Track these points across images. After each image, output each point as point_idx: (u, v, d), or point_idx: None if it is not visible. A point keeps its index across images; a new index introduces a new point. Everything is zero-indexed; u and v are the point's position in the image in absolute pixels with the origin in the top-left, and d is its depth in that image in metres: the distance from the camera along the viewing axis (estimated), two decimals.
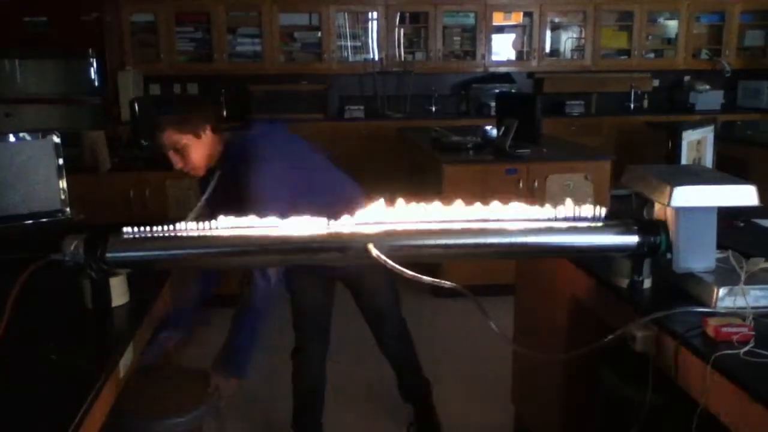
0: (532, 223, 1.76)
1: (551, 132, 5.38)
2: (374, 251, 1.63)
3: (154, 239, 1.69)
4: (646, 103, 7.14)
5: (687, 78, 7.16)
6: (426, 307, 4.18)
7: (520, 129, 4.38)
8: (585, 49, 6.89)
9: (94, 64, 5.91)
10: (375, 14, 6.59)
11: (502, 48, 6.88)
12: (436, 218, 1.72)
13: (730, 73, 7.00)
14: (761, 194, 1.76)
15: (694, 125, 2.53)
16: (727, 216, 2.32)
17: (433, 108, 6.84)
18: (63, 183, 2.51)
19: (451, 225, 1.72)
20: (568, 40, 6.99)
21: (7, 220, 2.40)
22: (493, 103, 6.01)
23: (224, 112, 6.55)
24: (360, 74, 6.70)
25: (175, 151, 2.20)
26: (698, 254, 1.75)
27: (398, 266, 1.62)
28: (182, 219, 1.73)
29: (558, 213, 1.75)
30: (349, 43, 6.64)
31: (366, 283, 2.59)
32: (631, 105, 7.08)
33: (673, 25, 7.06)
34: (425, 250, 1.74)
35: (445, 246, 1.74)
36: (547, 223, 1.76)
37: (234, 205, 1.96)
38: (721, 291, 1.67)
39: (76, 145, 3.92)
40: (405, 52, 6.69)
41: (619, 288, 1.85)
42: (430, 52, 6.67)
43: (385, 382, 2.98)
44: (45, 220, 2.47)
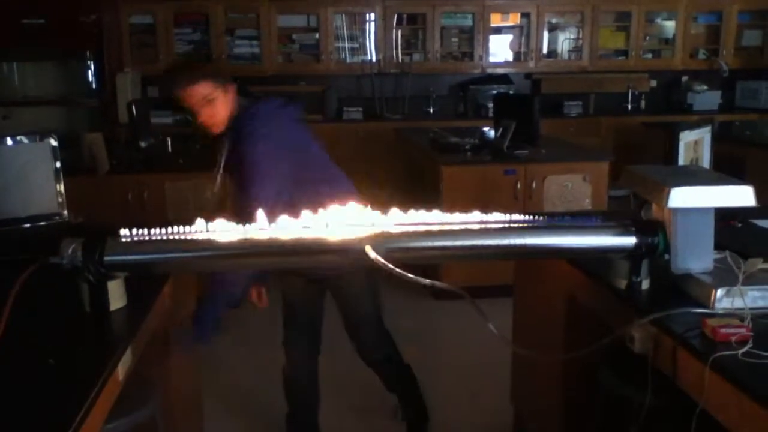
0: (530, 224, 1.76)
1: (549, 133, 5.39)
2: (372, 254, 1.63)
3: (151, 242, 1.69)
4: (643, 103, 7.15)
5: (684, 78, 7.17)
6: (425, 309, 4.19)
7: (518, 130, 4.38)
8: (582, 49, 6.89)
9: (92, 65, 5.90)
10: (373, 15, 6.59)
11: (500, 49, 6.89)
12: (434, 220, 1.72)
13: (728, 73, 7.00)
14: (758, 194, 1.76)
15: (692, 126, 2.53)
16: (725, 216, 2.32)
17: (431, 109, 6.85)
18: (61, 185, 2.51)
19: (449, 226, 1.72)
20: (565, 40, 6.99)
21: (5, 223, 2.39)
22: (491, 104, 6.02)
23: None
24: (358, 75, 6.70)
25: (205, 103, 2.22)
26: (696, 255, 1.75)
27: (396, 268, 1.62)
28: (181, 221, 1.72)
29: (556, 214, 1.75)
30: (347, 45, 6.65)
31: (344, 286, 2.55)
32: (629, 105, 7.09)
33: (670, 25, 7.07)
34: (423, 251, 1.74)
35: (443, 248, 1.74)
36: (545, 224, 1.76)
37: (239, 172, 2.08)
38: (719, 292, 1.67)
39: (74, 147, 3.91)
40: (403, 54, 6.69)
41: (618, 289, 1.85)
42: (428, 53, 6.67)
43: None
44: (43, 222, 2.47)
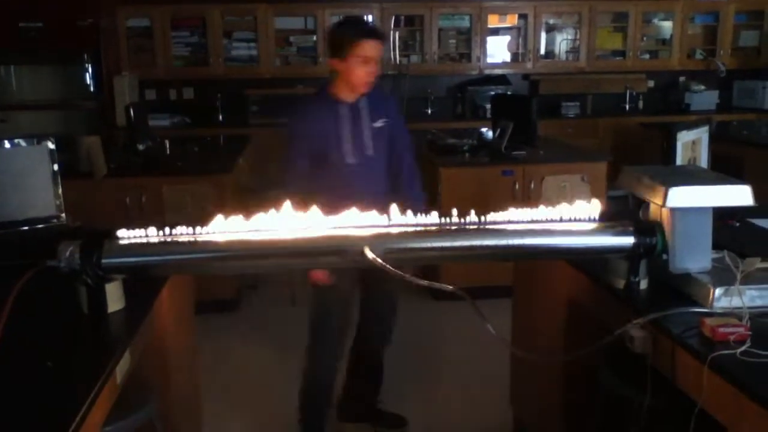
0: (529, 225, 1.76)
1: (547, 133, 5.39)
2: (370, 254, 1.63)
3: (149, 245, 1.69)
4: (641, 103, 7.16)
5: (682, 78, 7.18)
6: (425, 310, 4.18)
7: (516, 131, 4.38)
8: (580, 50, 6.90)
9: (90, 69, 5.90)
10: (370, 17, 6.58)
11: (498, 50, 6.89)
12: (432, 221, 1.72)
13: (725, 74, 7.01)
14: (756, 194, 1.76)
15: (689, 126, 2.53)
16: (723, 216, 2.32)
17: (429, 110, 6.85)
18: (59, 188, 2.50)
19: (448, 227, 1.72)
20: (563, 41, 7.00)
21: (3, 226, 2.39)
22: (489, 105, 6.01)
23: (220, 116, 6.56)
24: None
25: (378, 61, 2.51)
26: (694, 255, 1.75)
27: (395, 269, 1.62)
28: (179, 223, 1.72)
29: (555, 215, 1.75)
30: None
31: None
32: (627, 106, 7.10)
33: (667, 25, 7.08)
34: (422, 252, 1.74)
35: (442, 248, 1.74)
36: (543, 225, 1.76)
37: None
38: (718, 291, 1.67)
39: (72, 150, 3.90)
40: (400, 55, 6.69)
41: (616, 289, 1.86)
42: (426, 55, 6.67)
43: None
44: (41, 226, 2.46)
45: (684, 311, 1.67)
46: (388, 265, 1.62)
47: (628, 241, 1.76)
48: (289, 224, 1.70)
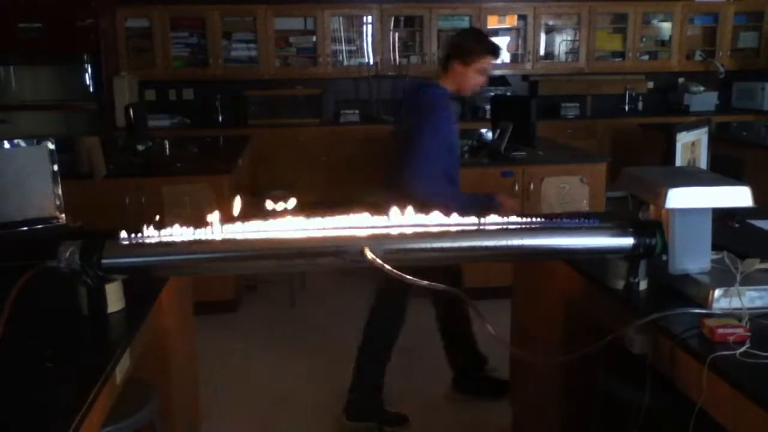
0: (528, 226, 1.76)
1: (546, 134, 5.39)
2: (370, 255, 1.63)
3: (149, 245, 1.69)
4: (640, 104, 7.17)
5: (681, 79, 7.19)
6: (424, 310, 4.18)
7: (516, 132, 4.39)
8: (579, 51, 6.91)
9: (89, 69, 5.90)
10: (370, 18, 6.60)
11: None
12: (432, 222, 1.72)
13: (724, 75, 7.02)
14: (756, 195, 1.76)
15: (689, 126, 2.53)
16: (723, 217, 2.33)
17: None
18: (58, 189, 2.50)
19: (447, 228, 1.72)
20: (562, 42, 7.01)
21: (3, 227, 2.39)
22: (489, 106, 6.02)
23: (219, 117, 6.56)
24: (355, 78, 6.71)
25: (488, 73, 2.87)
26: (693, 255, 1.75)
27: (395, 270, 1.62)
28: (179, 224, 1.72)
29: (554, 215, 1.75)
30: (344, 48, 6.65)
31: None
32: (626, 107, 7.11)
33: (667, 27, 7.08)
34: (422, 253, 1.74)
35: (442, 249, 1.74)
36: (542, 226, 1.76)
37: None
38: (717, 292, 1.67)
39: (72, 151, 3.90)
40: (400, 56, 6.70)
41: (616, 290, 1.86)
42: (425, 56, 6.68)
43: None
44: (41, 226, 2.46)
45: (683, 312, 1.67)
46: (388, 266, 1.62)
47: (628, 241, 1.76)
48: (289, 225, 1.70)
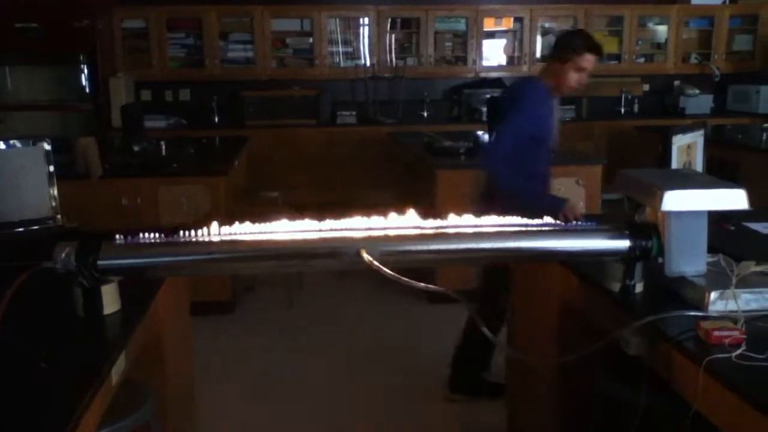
0: (525, 228, 1.76)
1: None
2: (366, 257, 1.63)
3: (145, 246, 1.69)
4: (636, 107, 7.18)
5: (677, 82, 7.21)
6: (420, 313, 4.19)
7: None
8: None
9: (86, 70, 5.89)
10: (366, 20, 6.60)
11: (493, 53, 6.91)
12: (429, 224, 1.72)
13: (720, 77, 7.04)
14: (751, 198, 1.77)
15: (685, 129, 2.53)
16: (718, 219, 2.33)
17: (425, 113, 6.85)
18: (54, 190, 2.49)
19: (444, 230, 1.72)
20: None
21: None
22: (485, 108, 6.02)
23: (216, 118, 6.55)
24: (352, 80, 6.71)
25: (588, 73, 2.87)
26: (689, 258, 1.76)
27: (391, 272, 1.62)
28: (175, 225, 1.72)
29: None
30: (341, 49, 6.66)
31: None
32: (622, 109, 7.12)
33: (662, 29, 7.10)
34: (418, 255, 1.74)
35: (438, 251, 1.74)
36: (539, 228, 1.77)
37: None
38: (713, 294, 1.68)
39: (68, 151, 3.90)
40: (396, 58, 6.71)
41: (612, 292, 1.86)
42: (422, 58, 6.68)
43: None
44: (36, 227, 2.45)
45: (679, 314, 1.67)
46: (384, 268, 1.62)
47: (624, 244, 1.76)
48: (285, 226, 1.70)
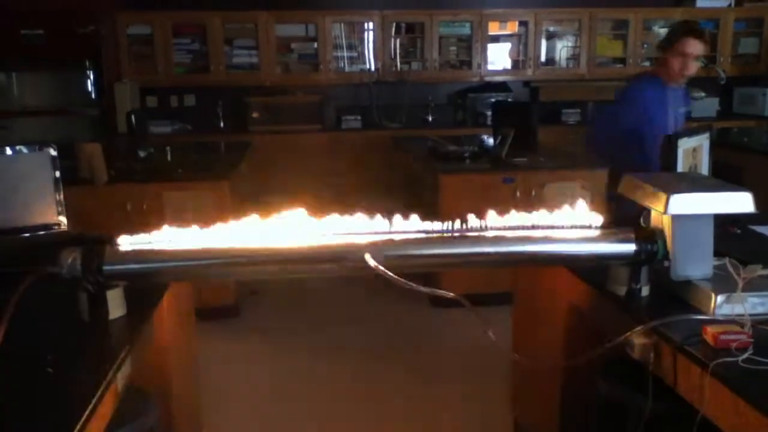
0: (530, 232, 1.76)
1: (547, 140, 5.39)
2: (371, 261, 1.63)
3: (150, 251, 1.69)
4: None
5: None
6: (425, 316, 4.18)
7: (517, 138, 4.39)
8: (580, 57, 6.91)
9: (91, 76, 5.91)
10: (371, 24, 6.61)
11: (498, 57, 6.91)
12: (433, 227, 1.72)
13: (725, 80, 7.01)
14: (758, 201, 1.76)
15: (690, 132, 2.53)
16: (724, 223, 2.32)
17: (430, 117, 6.85)
18: (60, 195, 2.50)
19: (449, 234, 1.72)
20: (563, 48, 7.01)
21: (3, 233, 2.38)
22: (490, 112, 6.03)
23: (221, 123, 6.57)
24: (356, 84, 6.71)
25: (696, 59, 3.16)
26: (695, 261, 1.75)
27: (396, 276, 1.62)
28: (180, 230, 1.72)
29: (555, 221, 1.75)
30: (346, 54, 6.66)
31: None
32: None
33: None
34: (422, 259, 1.74)
35: (443, 255, 1.74)
36: (544, 232, 1.77)
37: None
38: (719, 298, 1.67)
39: (73, 157, 3.91)
40: (401, 62, 6.71)
41: (617, 296, 1.85)
42: (426, 62, 6.69)
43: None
44: (42, 232, 2.46)
45: (685, 318, 1.66)
46: (389, 272, 1.62)
47: (630, 248, 1.76)
48: (289, 230, 1.70)
